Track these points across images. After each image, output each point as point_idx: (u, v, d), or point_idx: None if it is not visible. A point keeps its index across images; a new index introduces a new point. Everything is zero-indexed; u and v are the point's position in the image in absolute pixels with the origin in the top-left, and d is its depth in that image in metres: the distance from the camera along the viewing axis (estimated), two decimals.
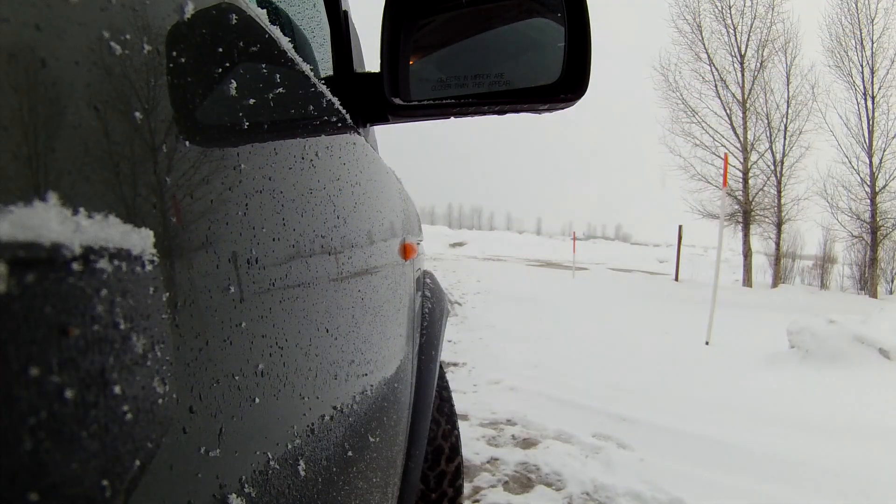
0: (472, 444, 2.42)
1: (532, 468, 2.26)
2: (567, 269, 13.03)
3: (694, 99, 13.00)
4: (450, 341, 4.42)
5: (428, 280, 1.40)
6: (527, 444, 2.50)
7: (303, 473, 0.38)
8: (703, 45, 12.78)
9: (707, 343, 4.69)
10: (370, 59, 0.80)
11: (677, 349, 4.46)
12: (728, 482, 2.10)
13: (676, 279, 12.27)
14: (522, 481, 2.14)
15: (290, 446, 0.36)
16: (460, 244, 25.21)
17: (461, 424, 2.51)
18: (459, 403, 2.79)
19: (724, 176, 5.22)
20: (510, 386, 3.32)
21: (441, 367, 1.26)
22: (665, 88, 13.29)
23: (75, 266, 0.16)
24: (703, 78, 12.92)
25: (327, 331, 0.45)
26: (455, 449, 1.33)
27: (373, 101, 0.67)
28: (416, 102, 0.66)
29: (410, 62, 0.68)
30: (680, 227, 12.29)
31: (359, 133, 0.64)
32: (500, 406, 2.96)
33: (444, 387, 1.36)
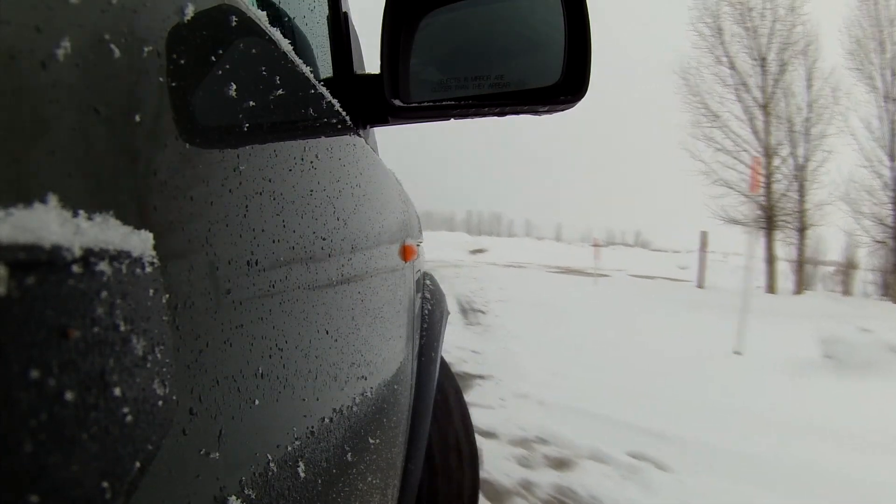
0: (503, 465, 2.27)
1: (568, 492, 2.10)
2: (588, 275, 12.75)
3: (715, 103, 12.65)
4: (474, 352, 4.27)
5: (428, 282, 1.40)
6: (560, 464, 2.33)
7: (302, 475, 0.38)
8: (724, 48, 12.43)
9: (736, 352, 4.46)
10: (370, 60, 0.81)
11: (705, 358, 4.27)
12: (769, 501, 2.02)
13: (699, 286, 11.83)
14: None
15: (289, 448, 0.36)
16: (481, 251, 24.72)
17: (489, 442, 2.43)
18: (487, 419, 2.69)
19: (753, 181, 5.08)
20: (538, 399, 3.16)
21: (442, 358, 1.28)
22: (685, 92, 12.92)
23: (75, 268, 0.16)
24: (723, 82, 12.56)
25: (327, 332, 0.45)
26: (463, 406, 1.39)
27: (373, 102, 0.68)
28: (416, 104, 0.66)
29: (410, 64, 0.68)
30: (703, 233, 11.93)
31: (359, 135, 0.64)
32: (529, 422, 2.79)
33: (447, 375, 1.39)
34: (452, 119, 0.66)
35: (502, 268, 14.76)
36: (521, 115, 0.66)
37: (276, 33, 0.38)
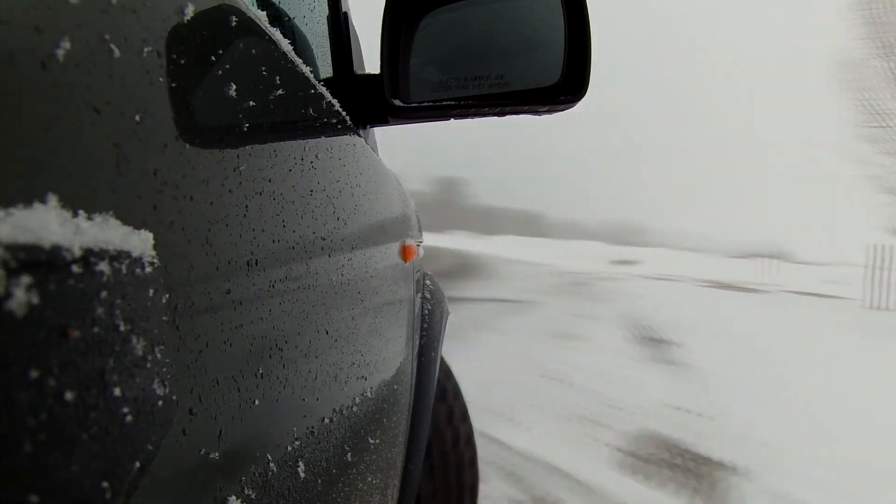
0: None
1: None
2: (743, 290, 11.54)
3: (879, 100, 10.96)
4: (687, 411, 3.08)
5: (428, 282, 1.40)
6: None
7: (302, 475, 0.38)
8: (886, 38, 10.61)
9: None
10: (370, 60, 0.81)
11: None
12: None
13: (870, 306, 10.03)
14: None
15: (289, 448, 0.36)
16: (627, 262, 21.21)
17: None
18: None
19: None
20: None
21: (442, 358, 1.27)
22: (843, 87, 11.23)
23: (75, 268, 0.16)
24: (889, 74, 10.86)
25: (327, 332, 0.45)
26: (462, 406, 1.40)
27: (373, 102, 0.68)
28: (416, 104, 0.66)
29: (410, 64, 0.68)
30: (880, 245, 10.34)
31: (359, 135, 0.64)
32: None
33: (446, 375, 1.38)
34: (452, 119, 0.66)
35: (653, 281, 12.79)
36: (523, 115, 0.66)
37: (276, 33, 0.38)
